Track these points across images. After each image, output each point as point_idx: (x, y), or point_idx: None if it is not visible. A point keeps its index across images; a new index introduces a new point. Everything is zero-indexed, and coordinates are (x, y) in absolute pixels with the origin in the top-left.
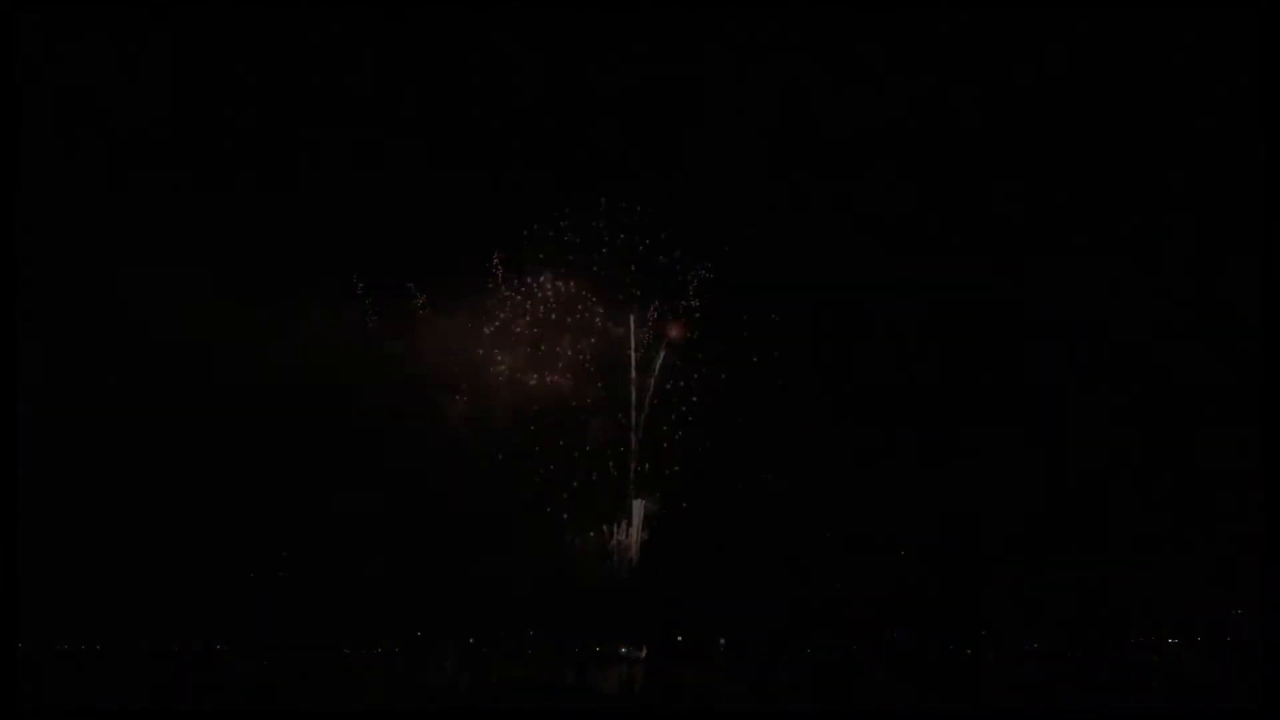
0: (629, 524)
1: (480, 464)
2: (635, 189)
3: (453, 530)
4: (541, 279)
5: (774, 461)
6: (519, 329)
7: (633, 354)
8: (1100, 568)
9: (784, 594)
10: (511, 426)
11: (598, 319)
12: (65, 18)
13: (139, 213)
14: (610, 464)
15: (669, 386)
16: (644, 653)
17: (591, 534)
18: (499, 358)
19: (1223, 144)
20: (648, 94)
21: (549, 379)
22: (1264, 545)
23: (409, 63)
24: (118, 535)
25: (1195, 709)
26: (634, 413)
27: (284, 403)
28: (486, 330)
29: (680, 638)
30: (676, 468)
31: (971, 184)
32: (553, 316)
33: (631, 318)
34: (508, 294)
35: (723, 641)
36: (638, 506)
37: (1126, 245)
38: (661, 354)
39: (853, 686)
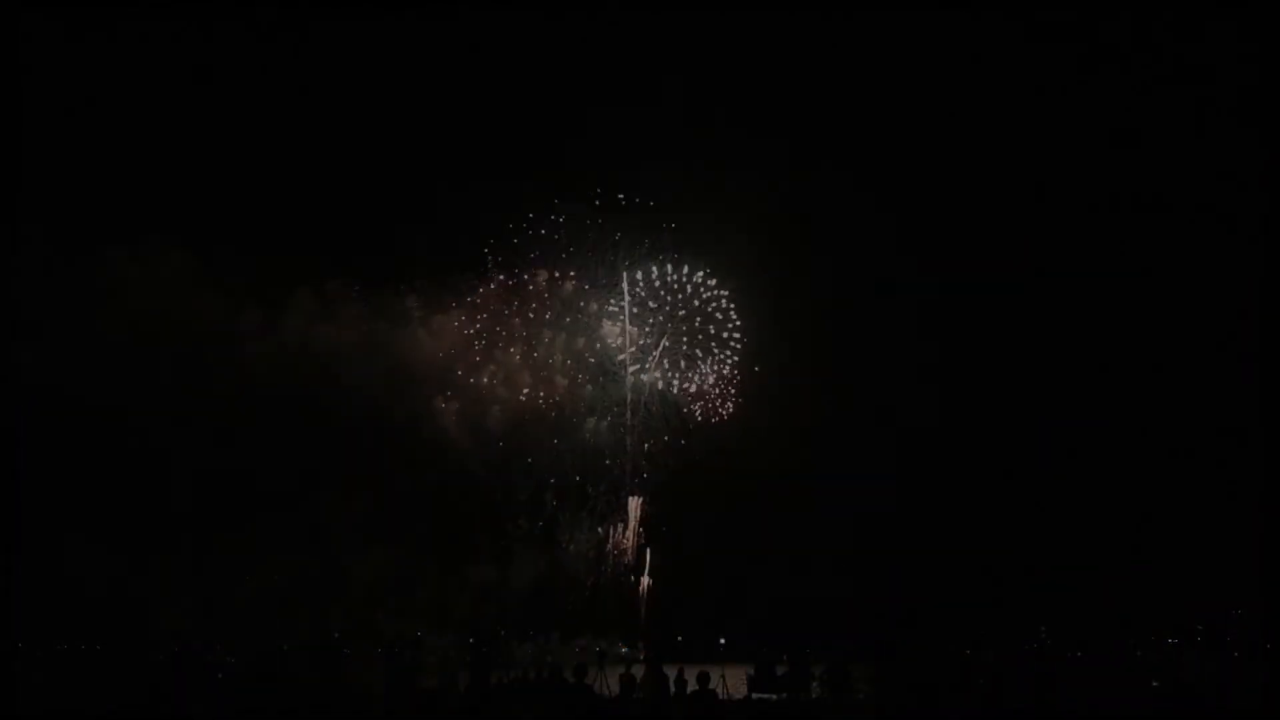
0: (625, 525)
1: (474, 465)
2: (632, 187)
3: (446, 531)
4: (533, 273)
5: (770, 463)
6: (506, 331)
7: (627, 353)
8: (1101, 569)
9: (781, 594)
10: (506, 426)
11: (602, 320)
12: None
13: (127, 207)
14: (605, 464)
15: (668, 387)
16: (643, 653)
17: (586, 535)
18: (492, 357)
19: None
20: (643, 89)
21: (542, 379)
22: (1264, 545)
23: (398, 61)
24: (111, 536)
25: (1195, 709)
26: (629, 414)
27: (278, 403)
28: (470, 331)
29: (680, 637)
30: (669, 464)
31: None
32: (547, 315)
33: (625, 317)
34: (501, 292)
35: (723, 641)
36: (634, 506)
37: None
38: (657, 352)
39: (853, 685)
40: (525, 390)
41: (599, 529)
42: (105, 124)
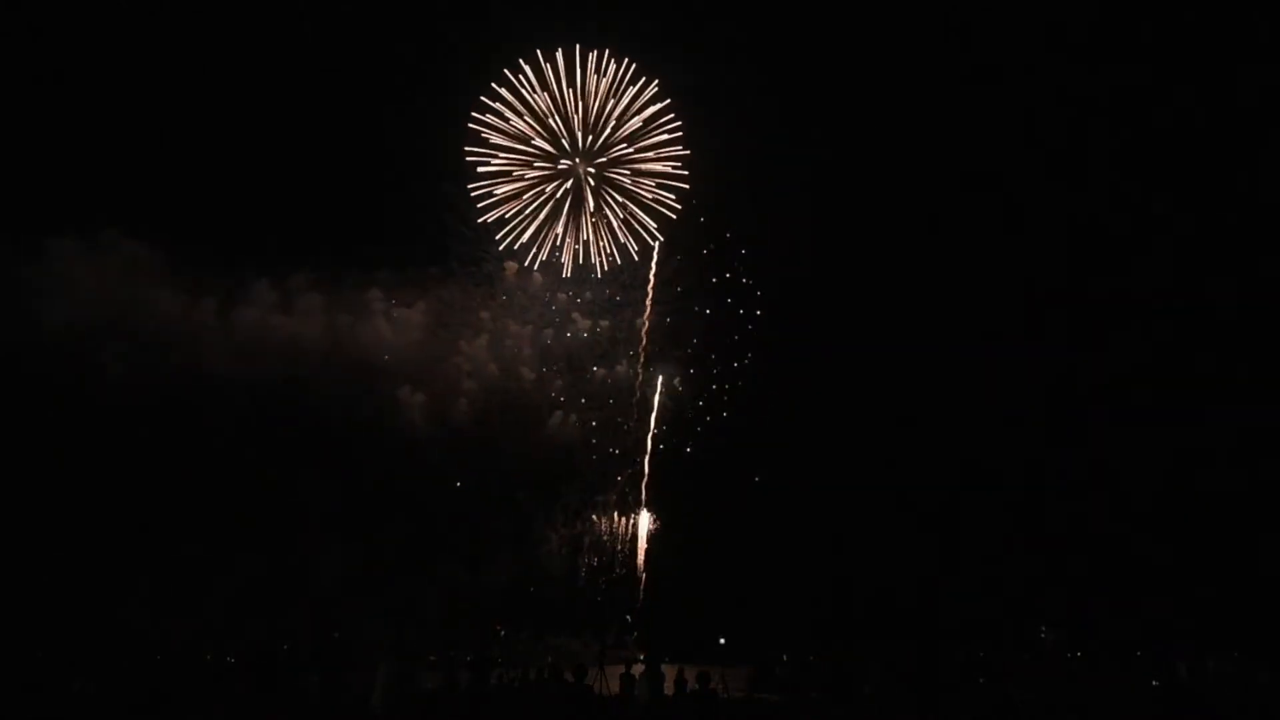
0: (612, 522)
1: (441, 461)
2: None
3: (425, 531)
4: (501, 265)
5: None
6: (472, 324)
7: (600, 344)
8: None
9: (780, 593)
10: (474, 419)
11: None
12: None
13: (85, 197)
14: (576, 460)
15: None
16: (643, 653)
17: (559, 533)
18: (458, 350)
19: None
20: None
21: (510, 372)
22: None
23: (360, 49)
24: (73, 539)
25: (1195, 709)
26: (599, 410)
27: (244, 400)
28: (434, 323)
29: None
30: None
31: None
32: (514, 307)
33: (605, 309)
34: (469, 284)
35: (722, 641)
36: (613, 505)
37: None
38: (643, 344)
39: (853, 687)
40: (492, 380)
41: (574, 525)
42: (58, 113)
